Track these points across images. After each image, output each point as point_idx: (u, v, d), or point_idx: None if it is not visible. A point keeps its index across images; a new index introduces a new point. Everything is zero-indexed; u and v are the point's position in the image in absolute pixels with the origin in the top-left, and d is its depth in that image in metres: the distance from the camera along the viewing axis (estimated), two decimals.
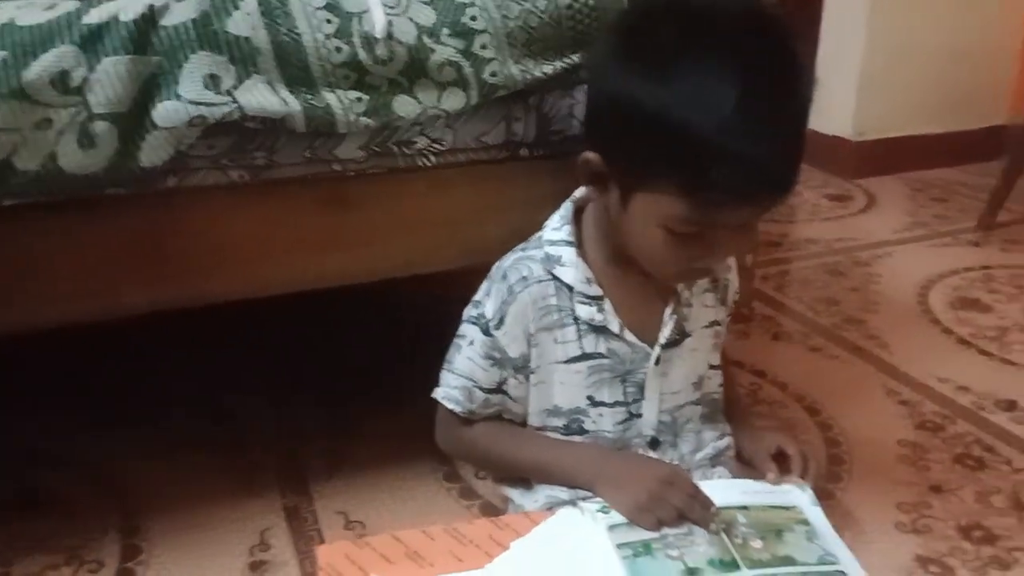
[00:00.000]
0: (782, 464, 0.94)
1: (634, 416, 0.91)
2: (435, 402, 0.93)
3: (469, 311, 0.91)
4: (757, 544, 0.82)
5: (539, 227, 0.92)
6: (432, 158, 0.96)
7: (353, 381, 1.40)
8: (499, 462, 0.97)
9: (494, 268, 0.91)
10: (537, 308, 0.87)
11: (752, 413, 1.11)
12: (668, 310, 0.90)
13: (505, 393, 0.91)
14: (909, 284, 1.80)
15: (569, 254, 0.87)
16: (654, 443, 0.92)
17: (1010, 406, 1.34)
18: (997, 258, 1.95)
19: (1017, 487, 1.14)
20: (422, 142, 0.94)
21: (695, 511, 0.82)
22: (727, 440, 0.97)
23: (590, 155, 0.82)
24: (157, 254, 0.88)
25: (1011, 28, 2.59)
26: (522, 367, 0.89)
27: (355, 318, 1.59)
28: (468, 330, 0.90)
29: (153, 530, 1.06)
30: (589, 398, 0.90)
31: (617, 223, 0.84)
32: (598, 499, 0.86)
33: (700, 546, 0.81)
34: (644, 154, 0.77)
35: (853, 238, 2.07)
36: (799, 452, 0.94)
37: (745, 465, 0.96)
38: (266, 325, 1.57)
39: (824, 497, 0.97)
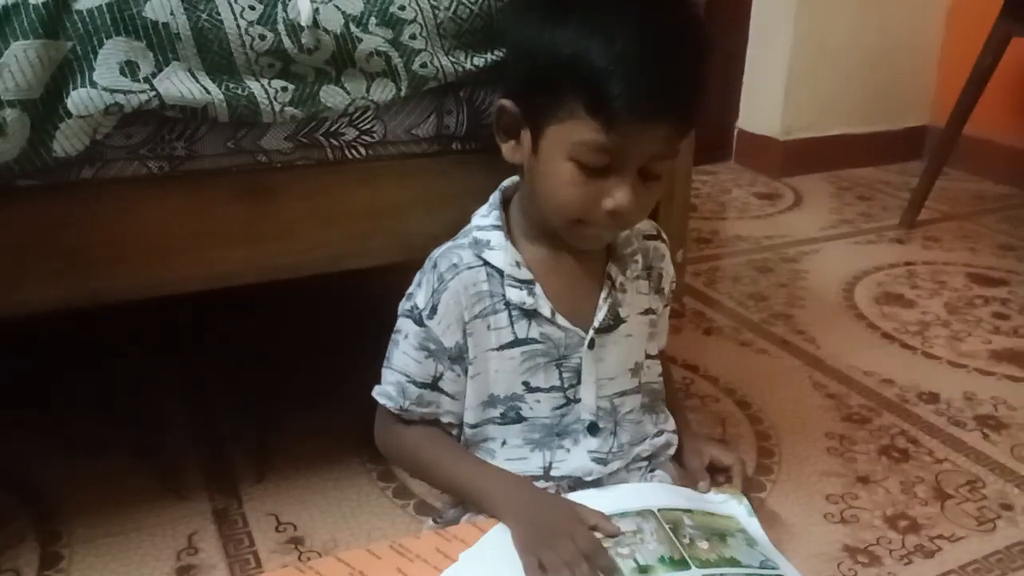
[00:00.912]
0: (715, 474, 0.97)
1: (572, 401, 0.91)
2: (363, 400, 0.92)
3: (403, 304, 0.90)
4: (704, 545, 0.82)
5: (470, 221, 0.92)
6: (362, 150, 0.94)
7: (277, 378, 1.37)
8: (423, 470, 0.95)
9: (426, 260, 0.90)
10: (469, 295, 0.86)
11: (688, 416, 1.11)
12: (603, 294, 0.90)
13: (441, 390, 0.89)
14: (835, 280, 1.84)
15: (498, 238, 0.87)
16: (593, 428, 0.91)
17: (932, 398, 1.37)
18: (919, 255, 2.00)
19: (939, 477, 1.17)
20: (351, 134, 0.92)
21: (580, 570, 0.76)
22: (665, 437, 0.97)
23: (504, 101, 0.86)
24: (68, 249, 0.84)
25: (933, 32, 2.67)
26: (458, 358, 0.88)
27: (279, 313, 1.56)
28: (403, 324, 0.89)
29: (74, 536, 1.02)
30: (525, 383, 0.89)
31: (531, 177, 0.86)
32: None
33: (650, 544, 0.81)
34: (550, 85, 0.80)
35: (781, 235, 2.11)
36: (739, 462, 0.97)
37: (683, 468, 0.98)
38: (182, 321, 1.53)
39: (754, 489, 0.98)
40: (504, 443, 0.90)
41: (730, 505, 0.93)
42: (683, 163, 1.13)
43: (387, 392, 0.90)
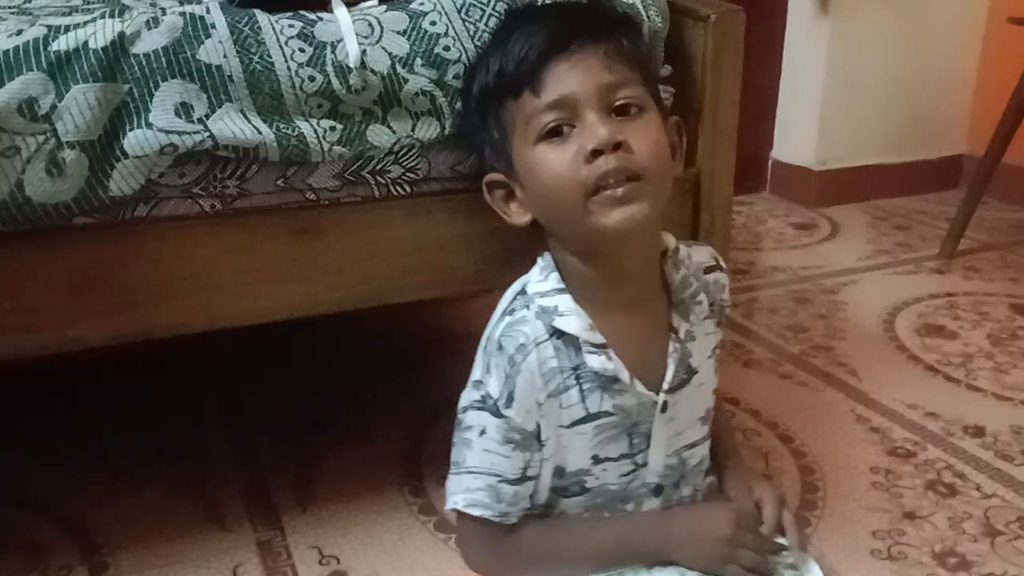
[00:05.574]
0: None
1: (639, 467, 0.87)
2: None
3: (470, 395, 0.83)
4: None
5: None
6: (407, 187, 0.95)
7: (318, 412, 1.38)
8: (556, 563, 0.85)
9: (484, 340, 0.84)
10: (541, 375, 0.80)
11: (736, 440, 1.07)
12: (671, 348, 0.85)
13: (529, 478, 0.83)
14: (875, 311, 1.82)
15: (565, 302, 0.81)
16: (658, 489, 0.88)
17: (978, 432, 1.35)
18: (960, 285, 1.98)
19: (988, 513, 1.15)
20: (396, 171, 0.93)
21: (765, 546, 0.85)
22: (712, 478, 0.96)
23: (486, 177, 0.87)
24: (121, 286, 0.86)
25: (969, 59, 2.65)
26: (539, 437, 0.83)
27: (320, 346, 1.58)
28: (475, 418, 0.82)
29: (121, 568, 1.03)
30: (594, 457, 0.85)
31: (531, 204, 0.83)
32: None
33: None
34: (491, 115, 0.84)
35: (818, 266, 2.10)
36: (774, 511, 0.90)
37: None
38: (224, 354, 1.55)
39: (799, 525, 0.97)
40: (562, 512, 0.88)
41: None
42: (723, 194, 1.13)
43: (479, 500, 0.82)
